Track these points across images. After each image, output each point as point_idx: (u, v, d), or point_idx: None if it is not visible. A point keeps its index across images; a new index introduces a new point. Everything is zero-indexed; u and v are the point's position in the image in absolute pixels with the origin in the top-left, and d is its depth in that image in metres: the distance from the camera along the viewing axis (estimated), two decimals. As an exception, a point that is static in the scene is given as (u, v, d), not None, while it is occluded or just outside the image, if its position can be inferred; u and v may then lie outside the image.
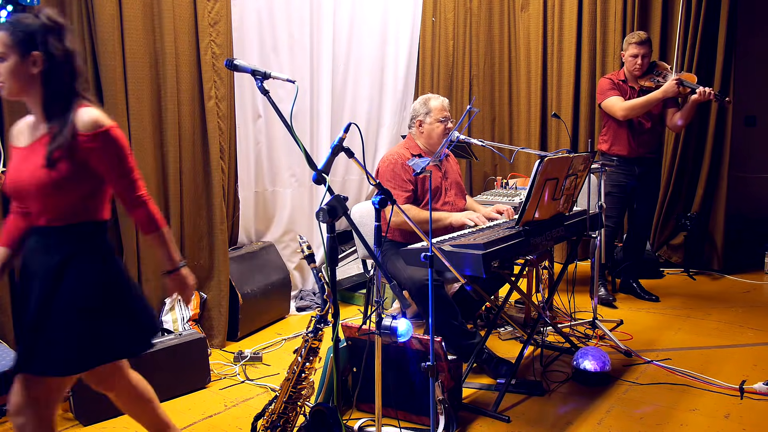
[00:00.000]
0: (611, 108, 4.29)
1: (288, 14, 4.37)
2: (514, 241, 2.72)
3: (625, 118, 4.25)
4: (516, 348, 3.57)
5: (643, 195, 4.49)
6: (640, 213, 4.55)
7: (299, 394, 2.48)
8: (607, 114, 4.38)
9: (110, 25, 3.25)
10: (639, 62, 4.25)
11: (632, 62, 4.27)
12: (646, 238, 4.77)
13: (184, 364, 3.16)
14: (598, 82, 4.53)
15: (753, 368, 3.31)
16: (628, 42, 4.30)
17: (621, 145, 4.35)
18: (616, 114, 4.27)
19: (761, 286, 4.95)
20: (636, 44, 4.24)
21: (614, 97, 4.28)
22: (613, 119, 4.34)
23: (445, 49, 6.12)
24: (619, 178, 4.38)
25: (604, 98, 4.32)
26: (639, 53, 4.23)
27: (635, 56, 4.25)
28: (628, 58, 4.29)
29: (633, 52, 4.25)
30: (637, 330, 3.91)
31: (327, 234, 2.13)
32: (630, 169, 4.37)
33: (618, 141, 4.37)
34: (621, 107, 4.24)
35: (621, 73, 4.40)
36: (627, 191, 4.44)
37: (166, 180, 3.63)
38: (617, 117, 4.28)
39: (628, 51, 4.29)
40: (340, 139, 2.22)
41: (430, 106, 3.41)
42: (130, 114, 3.39)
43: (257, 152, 4.31)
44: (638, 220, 4.57)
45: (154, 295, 3.57)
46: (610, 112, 4.31)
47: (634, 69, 4.29)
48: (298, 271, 4.63)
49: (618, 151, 4.36)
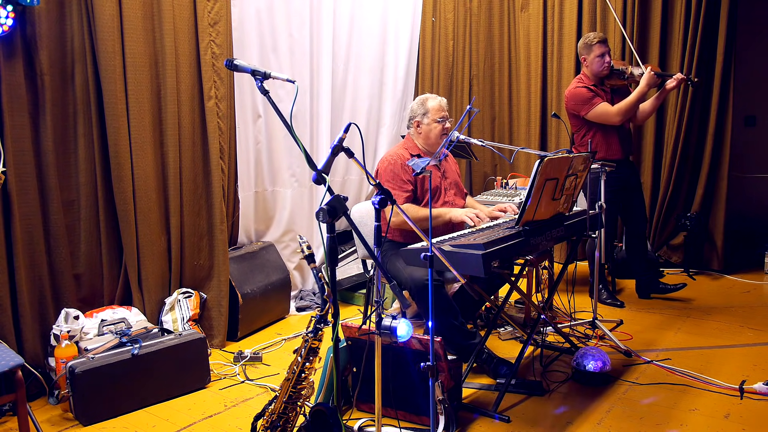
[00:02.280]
0: (604, 115, 4.19)
1: (288, 14, 4.37)
2: (514, 241, 2.72)
3: (621, 122, 4.21)
4: (516, 348, 3.57)
5: (637, 196, 4.45)
6: (638, 214, 4.47)
7: (299, 394, 2.48)
8: (588, 123, 4.26)
9: (110, 25, 3.25)
10: (607, 60, 4.20)
11: (600, 62, 4.20)
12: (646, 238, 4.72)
13: (184, 364, 3.16)
14: (567, 92, 4.35)
15: (753, 368, 3.31)
16: (590, 43, 4.22)
17: (614, 150, 4.27)
18: (611, 120, 4.19)
19: (761, 286, 4.95)
20: (600, 43, 4.20)
21: (603, 104, 4.19)
22: (599, 127, 4.25)
23: (445, 49, 6.12)
24: (616, 183, 4.28)
25: (590, 107, 4.19)
26: (605, 51, 4.19)
27: (602, 55, 4.19)
28: (594, 59, 4.21)
29: (599, 52, 4.19)
30: (637, 330, 3.91)
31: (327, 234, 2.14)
32: (621, 173, 4.27)
33: (610, 147, 4.27)
34: (616, 112, 4.17)
35: (586, 79, 4.30)
36: (623, 195, 4.37)
37: (165, 180, 3.64)
38: (614, 123, 4.20)
39: (593, 53, 4.21)
40: (340, 139, 2.22)
41: (427, 107, 3.41)
42: (130, 114, 3.40)
43: (257, 152, 4.31)
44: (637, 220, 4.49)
45: (154, 295, 3.57)
46: (603, 119, 4.20)
47: (602, 69, 4.22)
48: (297, 271, 4.63)
49: (612, 157, 4.24)
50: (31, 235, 3.12)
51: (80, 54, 3.28)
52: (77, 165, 3.34)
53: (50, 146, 3.18)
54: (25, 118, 3.07)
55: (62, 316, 3.14)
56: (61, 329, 3.06)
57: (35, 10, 3.05)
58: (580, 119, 4.30)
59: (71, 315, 3.14)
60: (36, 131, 3.15)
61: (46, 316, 3.19)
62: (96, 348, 3.05)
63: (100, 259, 3.45)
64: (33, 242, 3.12)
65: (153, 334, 3.23)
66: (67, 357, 2.96)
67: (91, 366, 2.86)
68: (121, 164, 3.36)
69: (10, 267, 3.02)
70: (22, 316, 3.06)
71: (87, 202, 3.38)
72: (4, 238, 3.01)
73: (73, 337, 3.09)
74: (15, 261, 3.02)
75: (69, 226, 3.32)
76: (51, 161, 3.19)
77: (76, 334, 3.12)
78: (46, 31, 3.12)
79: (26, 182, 3.09)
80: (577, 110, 4.27)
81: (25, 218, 3.08)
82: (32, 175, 3.12)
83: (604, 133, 4.27)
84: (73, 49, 3.26)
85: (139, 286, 3.52)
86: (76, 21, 3.25)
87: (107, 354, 2.97)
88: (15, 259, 3.02)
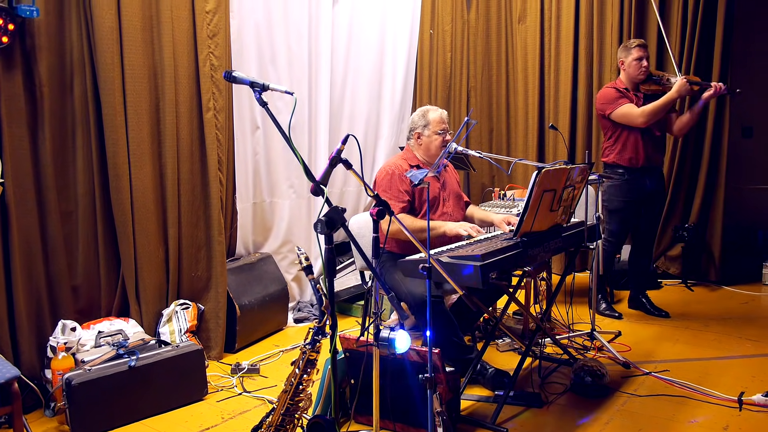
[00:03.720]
0: (628, 115, 4.16)
1: (286, 27, 4.40)
2: (511, 253, 2.72)
3: (645, 124, 4.13)
4: (514, 359, 3.56)
5: (652, 212, 4.40)
6: (646, 230, 4.44)
7: (297, 406, 2.47)
8: (614, 123, 4.24)
9: (109, 37, 3.27)
10: (645, 64, 4.18)
11: (637, 66, 4.19)
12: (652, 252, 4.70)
13: (182, 376, 3.15)
14: (598, 93, 4.41)
15: (752, 380, 3.30)
16: (630, 47, 4.23)
17: (633, 154, 4.22)
18: (634, 121, 4.14)
19: (759, 297, 4.95)
20: (639, 47, 4.19)
21: (628, 105, 4.17)
22: (624, 128, 4.22)
23: (443, 61, 6.15)
24: (629, 193, 4.26)
25: (615, 107, 4.18)
26: (643, 56, 4.19)
27: (640, 59, 4.18)
28: (632, 63, 4.20)
29: (637, 56, 4.18)
30: (636, 341, 3.91)
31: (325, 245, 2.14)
32: (641, 183, 4.26)
33: (630, 149, 4.22)
34: (640, 113, 4.12)
35: (620, 83, 4.30)
36: (636, 207, 4.32)
37: (164, 191, 3.64)
38: (636, 124, 4.15)
39: (631, 56, 4.20)
40: (338, 150, 2.22)
41: (428, 119, 3.42)
42: (129, 126, 3.41)
43: (255, 164, 4.32)
44: (645, 235, 4.46)
45: (151, 306, 3.56)
46: (627, 120, 4.17)
47: (639, 73, 4.20)
48: (295, 283, 4.63)
49: (629, 160, 4.22)
50: (29, 246, 3.11)
51: (79, 66, 3.29)
52: (75, 176, 3.34)
53: (49, 158, 3.18)
54: (23, 129, 3.07)
55: (59, 328, 3.13)
56: (57, 341, 3.05)
57: (35, 22, 3.06)
58: (607, 120, 4.29)
59: (68, 326, 3.13)
60: (35, 142, 3.15)
61: (43, 328, 3.18)
62: (93, 360, 3.04)
63: (98, 271, 3.44)
64: (31, 253, 3.12)
65: (150, 346, 3.21)
66: (63, 369, 2.95)
67: (88, 378, 2.85)
68: (119, 175, 3.37)
69: (7, 278, 3.02)
70: (18, 327, 3.05)
71: (85, 214, 3.37)
72: (2, 249, 3.00)
73: (69, 348, 3.08)
74: (12, 272, 3.02)
75: (67, 237, 3.31)
76: (49, 172, 3.19)
77: (73, 346, 3.11)
78: (45, 42, 3.13)
79: (24, 193, 3.09)
80: (603, 110, 4.27)
81: (23, 229, 3.08)
82: (30, 186, 3.12)
83: (629, 135, 4.23)
84: (72, 61, 3.27)
85: (137, 297, 3.52)
86: (75, 33, 3.26)
87: (104, 366, 2.96)
88: (12, 270, 3.02)
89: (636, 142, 4.22)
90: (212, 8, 3.76)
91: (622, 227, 4.37)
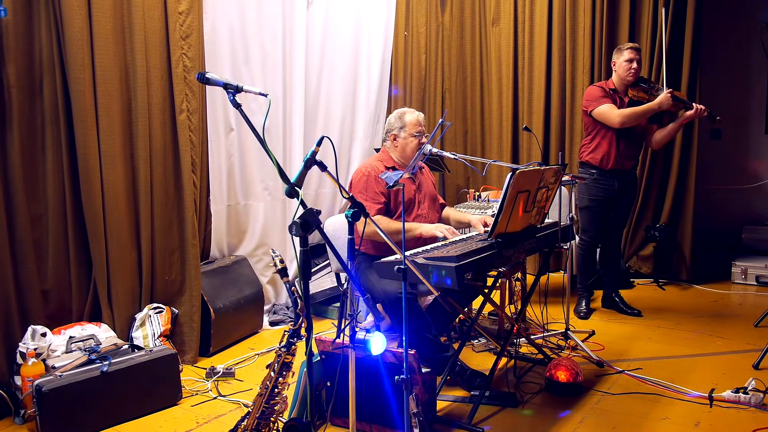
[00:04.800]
0: (606, 115, 4.21)
1: (260, 27, 4.37)
2: (487, 254, 2.74)
3: (622, 125, 4.18)
4: (490, 360, 3.59)
5: (621, 209, 4.47)
6: (615, 225, 4.51)
7: (272, 409, 2.46)
8: (595, 122, 4.29)
9: (79, 37, 3.22)
10: (634, 67, 4.23)
11: (627, 67, 4.23)
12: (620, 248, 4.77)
13: (155, 381, 3.11)
14: (585, 90, 4.46)
15: (722, 376, 3.36)
16: (623, 49, 4.27)
17: (604, 154, 4.28)
18: (611, 121, 4.19)
19: (728, 295, 5.05)
20: (632, 49, 4.24)
21: (608, 105, 4.22)
22: (603, 127, 4.27)
23: (418, 63, 6.17)
24: (597, 192, 4.34)
25: (597, 105, 4.23)
26: (634, 58, 4.22)
27: (630, 61, 4.22)
28: (623, 64, 4.24)
29: (629, 57, 4.22)
30: (609, 340, 3.96)
31: (300, 248, 2.13)
32: (610, 183, 4.33)
33: (602, 150, 4.29)
34: (618, 114, 4.17)
35: (610, 83, 4.35)
36: (605, 205, 4.39)
37: (136, 194, 3.59)
38: (613, 124, 4.20)
39: (622, 56, 4.24)
40: (313, 152, 2.21)
41: (405, 121, 3.43)
42: (100, 127, 3.36)
43: (229, 166, 4.29)
44: (613, 231, 4.53)
45: (124, 311, 3.52)
46: (605, 119, 4.22)
47: (628, 75, 4.24)
48: (271, 285, 4.60)
49: (600, 159, 4.29)
50: (-3, 250, 3.05)
51: (49, 66, 3.24)
52: (45, 178, 3.28)
53: (17, 159, 3.12)
54: (-9, 131, 3.01)
55: (29, 333, 3.07)
56: (27, 347, 2.99)
57: (2, 23, 3.00)
58: (589, 118, 4.34)
59: (38, 332, 3.08)
60: (2, 144, 3.09)
61: (12, 334, 3.11)
62: (64, 365, 2.99)
63: (69, 275, 3.38)
64: (-1, 257, 3.06)
65: (123, 351, 3.17)
66: (33, 375, 2.89)
67: (59, 384, 2.80)
68: (90, 178, 3.31)
69: (-26, 283, 2.96)
70: (-13, 333, 2.99)
71: (55, 217, 3.32)
72: (-31, 253, 2.94)
73: (40, 354, 3.02)
74: (-20, 277, 2.96)
75: (36, 240, 3.25)
76: (18, 175, 3.12)
77: (44, 352, 3.06)
78: (13, 43, 3.07)
79: (-8, 196, 3.03)
80: (587, 107, 4.32)
81: (-9, 233, 3.02)
82: (-2, 188, 3.06)
83: (605, 135, 4.29)
84: (41, 62, 3.21)
85: (109, 301, 3.46)
86: (45, 33, 3.21)
87: (75, 372, 2.91)
88: (-20, 275, 2.96)
89: (609, 143, 4.28)
90: (185, 9, 3.72)
91: (592, 224, 4.43)
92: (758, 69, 5.72)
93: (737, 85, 5.81)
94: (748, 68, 5.77)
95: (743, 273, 5.33)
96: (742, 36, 5.68)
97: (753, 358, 3.51)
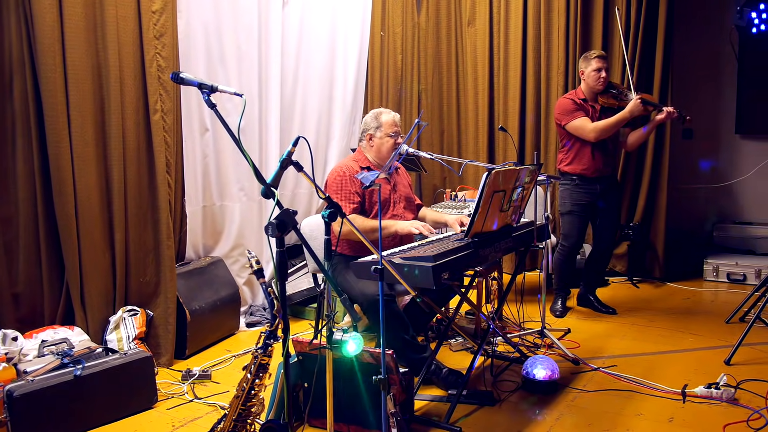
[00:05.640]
0: (580, 130, 4.26)
1: (235, 26, 4.34)
2: (463, 253, 2.75)
3: (596, 139, 4.24)
4: (467, 359, 3.60)
5: (607, 210, 4.49)
6: (605, 228, 4.51)
7: (249, 411, 2.44)
8: (569, 134, 4.34)
9: (50, 36, 3.17)
10: (603, 75, 4.27)
11: (596, 77, 4.27)
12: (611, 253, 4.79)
13: (130, 385, 3.07)
14: (557, 103, 4.49)
15: (694, 372, 3.41)
16: (590, 57, 4.31)
17: (584, 165, 4.33)
18: (586, 136, 4.25)
19: (700, 292, 5.13)
20: (599, 58, 4.28)
21: (582, 119, 4.26)
22: (578, 139, 4.32)
23: (394, 63, 6.18)
24: (581, 197, 4.37)
25: (571, 119, 4.27)
26: (602, 67, 4.27)
27: (599, 70, 4.26)
28: (591, 73, 4.28)
29: (597, 66, 4.26)
30: (584, 338, 4.00)
31: (276, 248, 2.12)
32: (592, 188, 4.36)
33: (581, 161, 4.33)
34: (592, 129, 4.22)
35: (579, 92, 4.39)
36: (589, 210, 4.42)
37: (110, 195, 3.54)
38: (588, 139, 4.25)
39: (590, 66, 4.29)
40: (289, 152, 2.20)
41: (381, 121, 3.43)
42: (72, 128, 3.30)
43: (205, 166, 4.25)
44: (604, 234, 4.53)
45: (98, 313, 3.47)
46: (579, 133, 4.27)
47: (597, 84, 4.28)
48: (247, 287, 4.57)
49: (581, 171, 4.33)
50: (-34, 253, 2.99)
51: (19, 65, 3.18)
52: (16, 180, 3.23)
53: (-14, 161, 3.07)
54: (-41, 131, 2.95)
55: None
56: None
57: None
58: (563, 130, 4.38)
59: (9, 336, 3.02)
60: (-29, 145, 3.04)
61: (-18, 338, 3.06)
62: (36, 370, 2.93)
63: (40, 277, 3.33)
64: (-32, 261, 3.00)
65: (97, 354, 3.13)
66: (4, 380, 2.84)
67: (31, 389, 2.75)
68: (62, 179, 3.26)
69: (-58, 287, 2.90)
70: (-45, 338, 2.93)
71: (26, 219, 3.26)
72: (-63, 256, 2.88)
73: (11, 359, 2.97)
74: (-52, 280, 2.90)
75: (7, 243, 3.20)
76: (-13, 176, 3.07)
77: (15, 356, 3.00)
78: (-19, 41, 3.02)
79: (-40, 198, 2.97)
80: (560, 120, 4.36)
81: (-40, 236, 2.96)
82: (-33, 190, 3.00)
83: (582, 147, 4.33)
84: (11, 61, 3.16)
85: (82, 304, 3.41)
86: (14, 31, 3.15)
87: (48, 376, 2.86)
88: (-52, 278, 2.90)
89: (588, 154, 4.33)
90: (159, 8, 3.68)
91: (575, 230, 4.45)
92: (728, 71, 5.82)
93: (708, 86, 5.90)
94: (718, 70, 5.87)
95: (714, 270, 5.43)
96: (713, 38, 5.77)
97: (724, 354, 3.57)
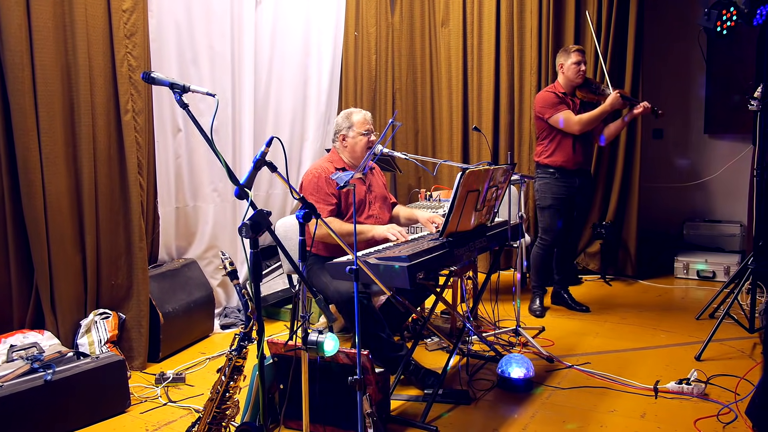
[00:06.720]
0: (566, 122, 4.30)
1: (208, 26, 4.30)
2: (438, 253, 2.76)
3: (580, 132, 4.32)
4: (442, 358, 3.61)
5: (582, 205, 4.59)
6: (578, 223, 4.60)
7: (224, 414, 2.42)
8: (551, 127, 4.38)
9: (18, 35, 3.10)
10: (582, 69, 4.35)
11: (576, 70, 4.34)
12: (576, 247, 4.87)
13: (102, 389, 3.03)
14: (537, 96, 4.55)
15: (666, 368, 3.47)
16: (570, 51, 4.38)
17: (565, 157, 4.38)
18: (571, 129, 4.31)
19: (671, 290, 5.22)
20: (578, 51, 4.36)
21: (567, 111, 4.32)
22: (559, 132, 4.37)
23: (368, 63, 6.18)
24: (560, 190, 4.41)
25: (554, 112, 4.32)
26: (581, 60, 4.35)
27: (578, 63, 4.33)
28: (571, 66, 4.34)
29: (576, 59, 4.33)
30: (558, 336, 4.04)
31: (250, 249, 2.10)
32: (571, 181, 4.42)
33: (563, 153, 4.38)
34: (577, 121, 4.29)
35: (558, 86, 4.44)
36: (568, 204, 4.47)
37: (80, 197, 3.48)
38: (572, 131, 4.31)
39: (570, 59, 4.35)
40: (263, 153, 2.19)
41: (352, 120, 3.43)
42: (41, 128, 3.24)
43: (177, 167, 4.21)
44: (576, 228, 4.62)
45: (68, 317, 3.41)
46: (564, 125, 4.32)
47: (577, 77, 4.36)
48: (221, 288, 4.53)
49: (561, 163, 4.38)
50: (-69, 257, 2.92)
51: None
52: (-18, 182, 3.16)
53: (-48, 162, 3.00)
54: None
55: (-34, 343, 2.95)
56: (-35, 357, 2.88)
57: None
58: (543, 123, 4.41)
59: (-24, 341, 2.96)
60: (-65, 147, 2.97)
61: (-51, 344, 2.99)
62: (5, 375, 2.87)
63: (9, 281, 3.26)
64: (-67, 265, 2.93)
65: (68, 359, 3.08)
66: (-28, 386, 2.78)
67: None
68: (31, 181, 3.20)
69: None
70: None
71: (-7, 221, 3.20)
72: None
73: (-22, 364, 2.91)
74: None
75: (-27, 246, 3.13)
76: (-47, 178, 3.00)
77: (-18, 362, 2.94)
78: (-54, 40, 2.95)
79: (-75, 201, 2.90)
80: (542, 113, 4.39)
81: (-76, 239, 2.89)
82: (-69, 193, 2.93)
83: (563, 139, 4.38)
84: (-24, 60, 3.09)
85: (52, 308, 3.35)
86: (-21, 30, 3.09)
87: (17, 381, 2.80)
88: None
89: (568, 146, 4.38)
90: (129, 6, 3.63)
91: (556, 223, 4.50)
92: (697, 72, 5.92)
93: (678, 86, 6.00)
94: (687, 71, 5.97)
95: (685, 268, 5.52)
96: (682, 40, 5.86)
97: (695, 350, 3.64)
